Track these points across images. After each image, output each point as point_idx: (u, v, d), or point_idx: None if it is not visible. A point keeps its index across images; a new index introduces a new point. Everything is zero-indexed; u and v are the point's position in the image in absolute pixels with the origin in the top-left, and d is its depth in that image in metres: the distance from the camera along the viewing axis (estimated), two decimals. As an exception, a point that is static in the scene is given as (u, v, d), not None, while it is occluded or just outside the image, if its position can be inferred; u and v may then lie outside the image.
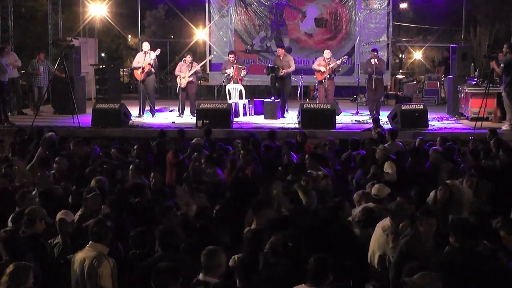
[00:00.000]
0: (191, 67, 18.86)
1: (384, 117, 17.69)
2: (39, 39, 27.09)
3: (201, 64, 19.72)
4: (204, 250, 6.20)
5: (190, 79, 18.92)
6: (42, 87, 20.53)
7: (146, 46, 18.97)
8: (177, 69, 19.27)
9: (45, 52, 22.50)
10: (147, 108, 19.34)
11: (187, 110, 19.22)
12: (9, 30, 22.89)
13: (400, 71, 31.79)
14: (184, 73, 18.82)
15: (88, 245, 6.58)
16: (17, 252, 6.39)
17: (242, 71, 19.36)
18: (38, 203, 8.24)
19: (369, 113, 19.18)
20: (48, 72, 20.70)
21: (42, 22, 26.70)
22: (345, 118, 18.90)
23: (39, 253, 6.78)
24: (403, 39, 34.72)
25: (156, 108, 19.69)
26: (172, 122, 18.00)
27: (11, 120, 17.78)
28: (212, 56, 23.76)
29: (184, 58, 19.29)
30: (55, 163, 11.01)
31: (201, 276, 6.08)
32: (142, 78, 18.81)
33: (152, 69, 18.87)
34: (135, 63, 19.08)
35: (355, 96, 22.75)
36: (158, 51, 18.95)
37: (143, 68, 18.59)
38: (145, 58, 18.65)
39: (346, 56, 20.81)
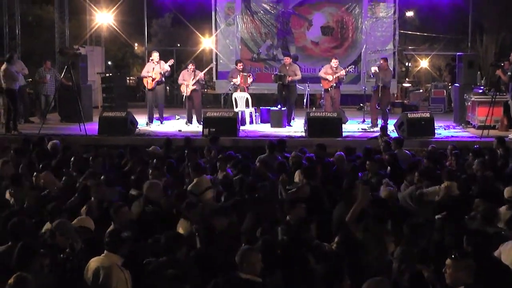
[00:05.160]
0: (194, 75, 18.90)
1: (390, 125, 17.66)
2: (46, 47, 27.16)
3: (203, 72, 19.72)
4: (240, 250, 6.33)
5: (194, 87, 18.93)
6: (49, 95, 20.57)
7: (156, 55, 19.10)
8: (180, 77, 19.30)
9: (51, 60, 22.56)
10: (156, 116, 19.45)
11: (195, 118, 19.24)
12: (16, 38, 22.99)
13: (407, 79, 31.75)
14: (188, 81, 18.88)
15: (103, 254, 6.64)
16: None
17: (249, 78, 19.41)
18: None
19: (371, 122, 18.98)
20: (54, 80, 20.75)
21: (49, 30, 26.80)
22: (352, 127, 18.88)
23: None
24: (409, 47, 34.73)
25: (164, 116, 19.77)
26: (179, 130, 18.03)
27: (18, 129, 17.82)
28: (214, 63, 23.77)
29: (187, 67, 19.36)
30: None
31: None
32: (151, 87, 18.94)
33: (163, 78, 19.05)
34: (144, 72, 19.19)
35: (361, 105, 22.71)
36: (171, 62, 19.13)
37: (153, 78, 18.72)
38: (154, 67, 18.77)
39: (353, 66, 20.77)
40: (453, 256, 5.83)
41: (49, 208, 8.28)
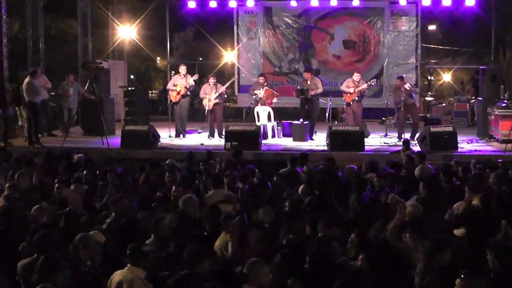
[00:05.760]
0: (216, 89, 18.95)
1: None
2: (69, 61, 27.34)
3: (226, 85, 19.76)
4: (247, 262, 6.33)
5: (216, 101, 19.00)
6: (72, 109, 20.69)
7: (183, 68, 19.30)
8: (202, 91, 19.41)
9: (74, 74, 22.70)
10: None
11: (217, 132, 19.26)
12: (40, 52, 23.16)
13: (429, 93, 31.60)
14: (209, 95, 18.93)
15: (126, 268, 6.72)
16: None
17: (275, 98, 19.38)
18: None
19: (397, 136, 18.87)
20: (77, 94, 20.87)
21: (72, 44, 26.97)
22: (374, 141, 18.80)
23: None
24: (432, 61, 34.57)
25: (186, 130, 19.86)
26: (201, 144, 18.05)
27: (41, 142, 17.94)
28: (236, 77, 23.81)
29: (208, 80, 19.48)
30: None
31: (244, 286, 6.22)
32: (177, 100, 19.04)
33: (188, 92, 19.19)
34: (170, 85, 19.37)
35: (383, 118, 22.64)
36: (196, 76, 19.26)
37: (179, 91, 18.84)
38: (180, 81, 18.93)
39: (375, 80, 20.71)
40: (462, 275, 5.76)
41: (82, 220, 8.37)
